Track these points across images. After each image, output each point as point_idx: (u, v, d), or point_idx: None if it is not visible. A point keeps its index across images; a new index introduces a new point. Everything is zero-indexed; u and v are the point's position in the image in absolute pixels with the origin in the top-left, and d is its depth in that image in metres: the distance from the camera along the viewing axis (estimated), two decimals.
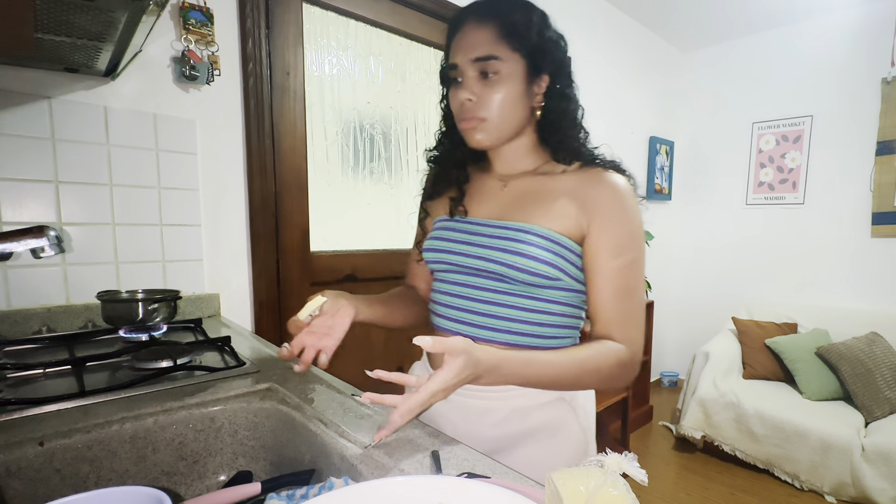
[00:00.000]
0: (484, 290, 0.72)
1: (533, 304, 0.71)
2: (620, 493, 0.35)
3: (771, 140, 3.07)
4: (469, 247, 0.73)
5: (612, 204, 0.69)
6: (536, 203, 0.72)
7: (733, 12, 2.78)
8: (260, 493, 0.54)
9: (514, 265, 0.68)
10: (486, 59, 0.68)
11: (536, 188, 0.74)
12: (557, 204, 0.71)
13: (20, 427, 0.57)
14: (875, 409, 2.18)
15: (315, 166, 1.56)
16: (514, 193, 0.76)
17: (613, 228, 0.69)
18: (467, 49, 0.69)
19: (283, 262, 1.48)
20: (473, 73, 0.69)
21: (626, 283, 0.69)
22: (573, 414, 0.76)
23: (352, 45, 1.64)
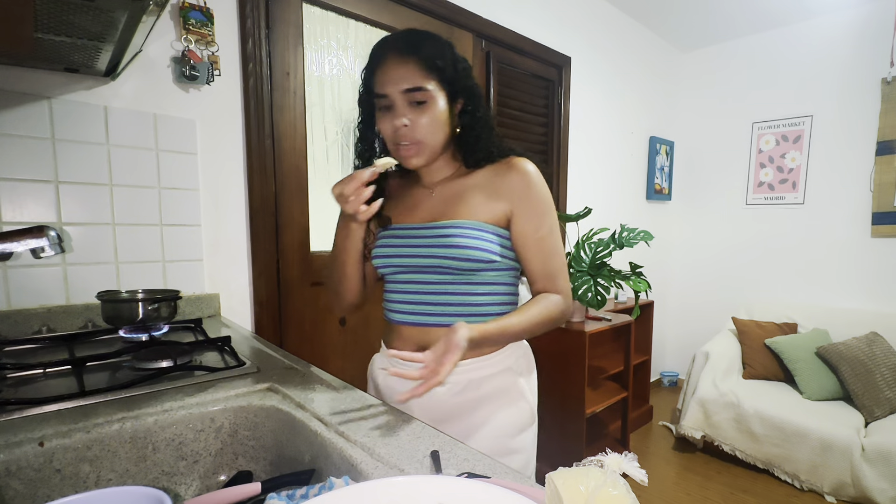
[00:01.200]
0: (432, 284, 0.84)
1: (477, 287, 0.83)
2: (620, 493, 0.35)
3: (771, 140, 3.07)
4: (412, 248, 0.84)
5: (524, 186, 0.83)
6: (460, 201, 0.84)
7: (733, 12, 2.78)
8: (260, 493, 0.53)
9: (453, 256, 0.79)
10: (416, 91, 0.77)
11: (459, 189, 0.86)
12: (478, 198, 0.84)
13: (20, 427, 0.57)
14: (875, 409, 2.18)
15: (315, 166, 1.56)
16: (441, 197, 0.87)
17: (531, 206, 0.83)
18: (396, 81, 0.77)
19: (283, 262, 1.48)
20: (404, 101, 0.78)
21: (551, 247, 0.84)
22: (516, 379, 0.89)
23: (352, 45, 1.64)
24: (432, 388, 0.64)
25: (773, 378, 2.58)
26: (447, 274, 0.82)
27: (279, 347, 0.99)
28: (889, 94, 2.59)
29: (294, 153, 1.48)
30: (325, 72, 1.57)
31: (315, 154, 1.56)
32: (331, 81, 1.59)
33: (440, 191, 0.88)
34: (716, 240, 3.36)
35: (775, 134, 3.05)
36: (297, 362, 0.87)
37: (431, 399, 0.84)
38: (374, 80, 0.81)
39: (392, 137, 0.81)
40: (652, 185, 3.20)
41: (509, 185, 0.83)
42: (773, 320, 2.83)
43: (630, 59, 2.87)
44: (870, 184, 2.70)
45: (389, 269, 0.87)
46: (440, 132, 0.81)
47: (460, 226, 0.81)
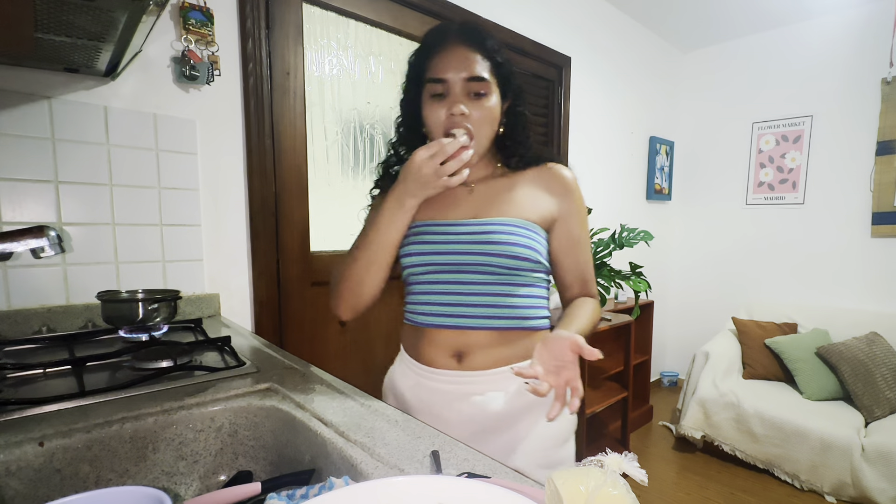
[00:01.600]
0: (471, 284, 0.79)
1: (515, 289, 0.79)
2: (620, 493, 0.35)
3: (771, 140, 3.07)
4: (451, 245, 0.79)
5: (567, 189, 0.84)
6: (506, 200, 0.82)
7: (733, 12, 2.78)
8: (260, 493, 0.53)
9: (499, 253, 0.76)
10: (477, 80, 0.76)
11: (502, 188, 0.83)
12: (525, 198, 0.82)
13: (20, 427, 0.57)
14: (875, 409, 2.18)
15: (315, 166, 1.56)
16: (482, 195, 0.84)
17: (574, 213, 0.84)
18: (458, 68, 0.75)
19: (283, 262, 1.48)
20: (463, 90, 0.76)
21: (587, 253, 0.85)
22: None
23: (352, 45, 1.64)
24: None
25: (774, 378, 2.58)
26: (488, 274, 0.78)
27: (279, 347, 0.99)
28: (889, 94, 2.59)
29: (294, 153, 1.48)
30: (325, 72, 1.57)
31: (315, 154, 1.56)
32: (331, 81, 1.59)
33: (481, 188, 0.85)
34: (716, 240, 3.36)
35: (775, 134, 3.05)
36: (297, 362, 0.87)
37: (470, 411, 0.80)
38: (429, 65, 0.78)
39: (444, 125, 0.77)
40: (652, 186, 3.20)
41: (553, 188, 0.83)
42: (773, 320, 2.83)
43: (630, 60, 2.87)
44: (870, 184, 2.69)
45: (422, 269, 0.82)
46: (490, 128, 0.79)
47: (507, 223, 0.78)
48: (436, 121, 0.78)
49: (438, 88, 0.77)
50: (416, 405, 0.84)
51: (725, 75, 3.25)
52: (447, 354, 0.81)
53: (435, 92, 0.78)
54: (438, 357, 0.81)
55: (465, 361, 0.80)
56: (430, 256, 0.80)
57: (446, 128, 0.77)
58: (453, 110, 0.76)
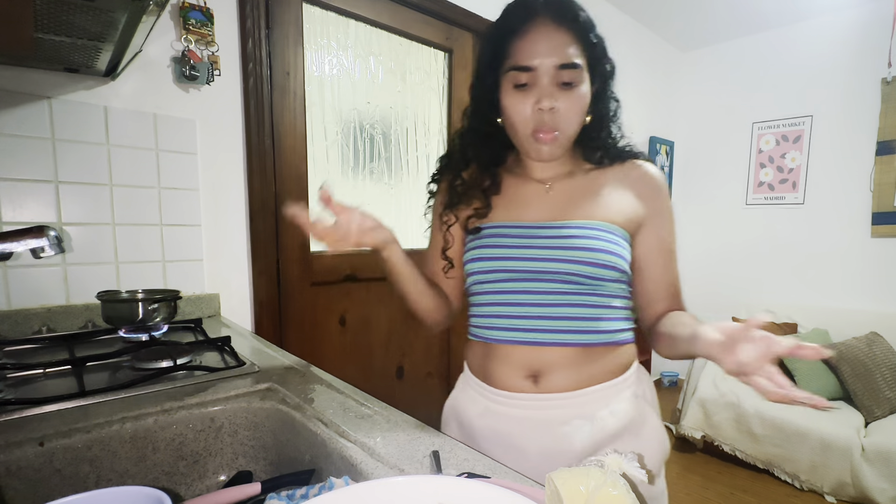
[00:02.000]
0: (546, 294, 0.69)
1: (599, 300, 0.69)
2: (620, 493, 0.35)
3: (771, 140, 3.07)
4: (526, 250, 0.70)
5: (656, 191, 0.73)
6: (589, 200, 0.72)
7: (733, 12, 2.78)
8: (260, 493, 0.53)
9: (584, 260, 0.67)
10: (569, 68, 0.65)
11: (583, 187, 0.74)
12: (610, 198, 0.72)
13: (20, 427, 0.57)
14: (875, 409, 2.18)
15: (315, 166, 1.56)
16: (561, 195, 0.74)
17: (663, 217, 0.73)
18: (548, 53, 0.65)
19: (283, 262, 1.48)
20: (553, 80, 0.66)
21: (675, 263, 0.75)
22: (651, 408, 0.75)
23: (352, 45, 1.64)
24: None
25: None
26: (569, 283, 0.68)
27: (279, 347, 0.99)
28: (889, 94, 2.59)
29: (294, 153, 1.48)
30: (325, 72, 1.57)
31: (315, 154, 1.56)
32: (331, 81, 1.59)
33: (559, 187, 0.75)
34: (716, 240, 3.36)
35: (775, 134, 3.05)
36: (297, 362, 0.87)
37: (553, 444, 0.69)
38: (511, 49, 0.67)
39: (528, 121, 0.68)
40: None
41: (640, 188, 0.73)
42: (772, 320, 2.83)
43: (630, 59, 2.87)
44: (870, 184, 2.69)
45: (490, 276, 0.72)
46: (579, 120, 0.69)
47: (591, 226, 0.69)
48: (520, 115, 0.68)
49: (523, 78, 0.66)
50: (487, 435, 0.73)
51: (725, 75, 3.25)
52: (521, 375, 0.71)
53: (518, 82, 0.67)
54: (511, 378, 0.71)
55: (543, 383, 0.70)
56: (501, 262, 0.71)
57: (527, 125, 0.68)
58: (542, 104, 0.66)
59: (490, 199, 0.77)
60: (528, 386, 0.70)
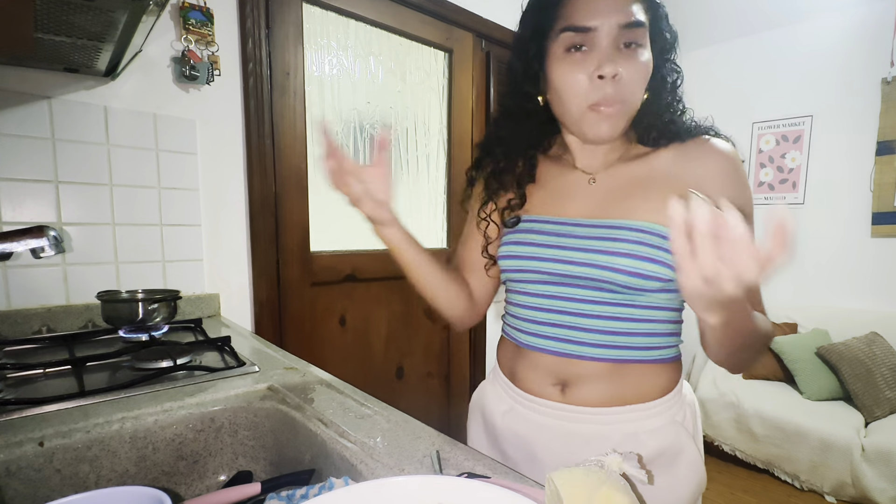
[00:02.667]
0: (579, 302, 0.63)
1: (638, 312, 0.62)
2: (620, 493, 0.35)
3: (771, 140, 3.07)
4: (561, 251, 0.63)
5: (725, 174, 0.61)
6: (635, 195, 0.62)
7: (733, 12, 2.78)
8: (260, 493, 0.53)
9: (621, 268, 0.59)
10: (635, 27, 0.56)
11: (631, 178, 0.64)
12: (659, 191, 0.61)
13: (20, 427, 0.57)
14: (875, 409, 2.18)
15: (315, 166, 1.56)
16: (606, 187, 0.65)
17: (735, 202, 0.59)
18: (612, 9, 0.56)
19: (283, 262, 1.48)
20: (615, 42, 0.56)
21: None
22: (690, 437, 0.66)
23: (352, 45, 1.64)
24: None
25: (774, 378, 2.58)
26: (606, 291, 0.61)
27: (279, 347, 0.99)
28: (889, 94, 2.59)
29: (294, 153, 1.48)
30: (325, 72, 1.57)
31: (315, 154, 1.56)
32: (331, 81, 1.59)
33: (605, 179, 0.66)
34: None
35: (775, 134, 3.05)
36: (297, 362, 0.87)
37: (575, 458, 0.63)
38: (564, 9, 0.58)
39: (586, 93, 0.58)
40: None
41: (703, 174, 0.61)
42: (772, 320, 2.83)
43: None
44: (870, 184, 2.69)
45: (522, 275, 0.67)
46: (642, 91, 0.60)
47: (637, 229, 0.60)
48: (575, 86, 0.58)
49: (578, 39, 0.57)
50: (507, 436, 0.71)
51: (725, 75, 3.25)
52: (549, 382, 0.66)
53: (573, 43, 0.58)
54: (538, 384, 0.67)
55: (570, 393, 0.65)
56: (534, 262, 0.65)
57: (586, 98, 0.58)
58: (604, 70, 0.56)
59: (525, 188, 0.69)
60: (555, 394, 0.66)
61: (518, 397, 0.70)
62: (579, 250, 0.62)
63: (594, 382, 0.64)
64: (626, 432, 0.63)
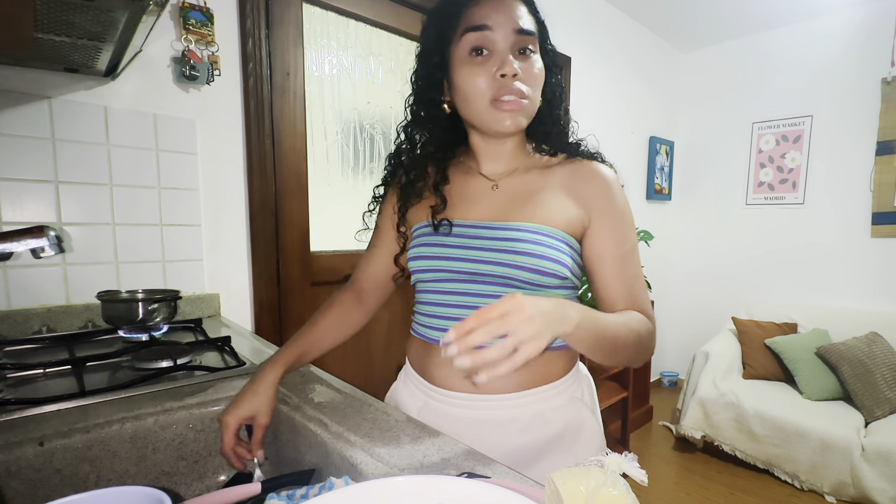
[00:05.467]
0: (485, 297, 0.68)
1: None
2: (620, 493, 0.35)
3: (771, 140, 3.07)
4: (468, 251, 0.68)
5: (608, 196, 0.69)
6: (534, 201, 0.69)
7: (733, 12, 2.78)
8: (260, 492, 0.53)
9: (524, 266, 0.65)
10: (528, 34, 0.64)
11: (530, 186, 0.71)
12: (555, 201, 0.69)
13: (20, 427, 0.57)
14: (875, 409, 2.18)
15: (315, 166, 1.56)
16: (507, 193, 0.72)
17: (613, 220, 0.69)
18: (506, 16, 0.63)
19: (283, 262, 1.48)
20: (512, 46, 0.63)
21: (633, 269, 0.69)
22: (589, 410, 0.73)
23: (352, 45, 1.64)
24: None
25: (774, 378, 2.58)
26: (509, 287, 0.67)
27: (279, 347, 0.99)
28: (889, 94, 2.59)
29: (294, 153, 1.48)
30: (325, 72, 1.57)
31: (315, 154, 1.56)
32: (331, 81, 1.59)
33: (507, 186, 0.72)
34: (716, 240, 3.36)
35: (775, 134, 3.05)
36: None
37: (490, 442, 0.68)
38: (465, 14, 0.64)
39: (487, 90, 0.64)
40: (652, 185, 3.20)
41: (589, 190, 0.69)
42: (773, 320, 2.83)
43: (630, 59, 2.87)
44: (870, 184, 2.69)
45: (432, 275, 0.71)
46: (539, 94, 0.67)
47: (535, 230, 0.67)
48: (477, 85, 0.64)
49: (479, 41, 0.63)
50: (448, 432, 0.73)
51: (725, 75, 3.25)
52: (460, 374, 0.69)
53: (475, 46, 0.64)
54: (450, 377, 0.71)
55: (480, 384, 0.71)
56: (443, 262, 0.70)
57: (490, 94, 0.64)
58: (504, 70, 0.62)
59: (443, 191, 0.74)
60: (466, 386, 0.69)
61: (431, 392, 0.73)
62: (485, 250, 0.67)
63: None
64: (534, 412, 0.69)
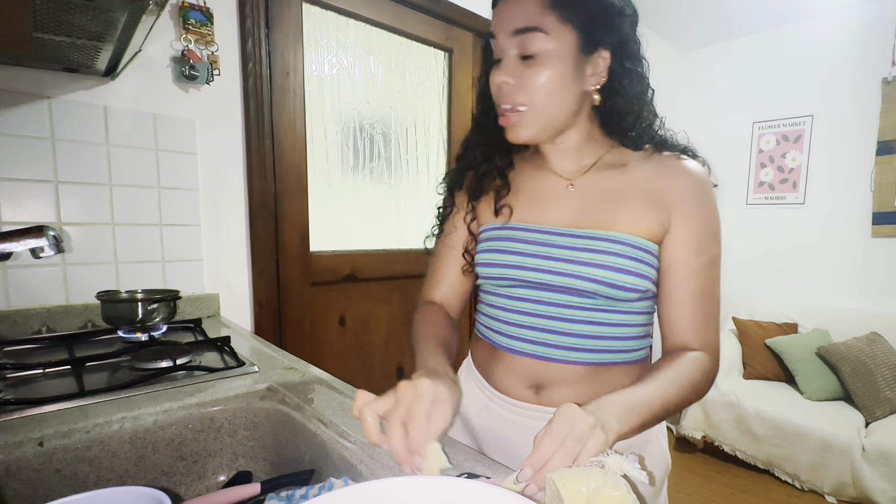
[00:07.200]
0: (557, 307, 0.64)
1: (616, 317, 0.64)
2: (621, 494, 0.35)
3: (771, 140, 3.07)
4: (541, 260, 0.64)
5: (691, 196, 0.62)
6: (614, 204, 0.64)
7: (733, 12, 2.78)
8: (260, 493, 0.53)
9: (603, 280, 0.60)
10: (527, 32, 0.58)
11: (610, 186, 0.65)
12: (637, 203, 0.63)
13: (20, 427, 0.57)
14: (875, 409, 2.18)
15: (315, 166, 1.56)
16: (585, 194, 0.66)
17: (694, 223, 0.62)
18: (507, 20, 0.60)
19: (283, 262, 1.48)
20: (514, 49, 0.60)
21: (706, 283, 0.62)
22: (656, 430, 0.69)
23: (352, 45, 1.63)
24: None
25: (774, 378, 2.58)
26: (585, 297, 0.63)
27: (279, 347, 0.99)
28: (889, 94, 2.59)
29: (294, 153, 1.48)
30: (324, 72, 1.57)
31: (315, 154, 1.56)
32: (331, 81, 1.59)
33: (584, 185, 0.67)
34: None
35: (775, 134, 3.05)
36: (297, 362, 0.87)
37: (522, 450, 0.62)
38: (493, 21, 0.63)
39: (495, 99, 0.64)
40: None
41: (673, 188, 0.63)
42: (773, 320, 2.83)
43: None
44: (870, 184, 2.69)
45: (501, 283, 0.68)
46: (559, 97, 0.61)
47: (617, 240, 0.61)
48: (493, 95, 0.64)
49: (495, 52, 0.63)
50: (483, 434, 0.71)
51: (725, 75, 3.25)
52: (524, 385, 0.67)
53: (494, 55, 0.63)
54: (514, 386, 0.68)
55: (544, 395, 0.66)
56: (514, 270, 0.65)
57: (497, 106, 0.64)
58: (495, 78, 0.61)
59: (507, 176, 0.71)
60: (531, 396, 0.67)
61: (493, 396, 0.70)
62: (560, 260, 0.63)
63: (568, 385, 0.65)
64: None
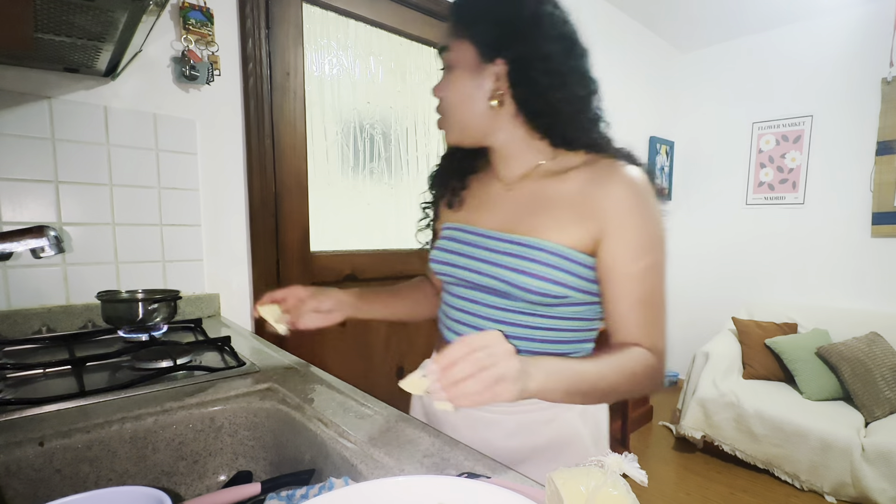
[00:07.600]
0: (489, 307, 0.68)
1: (540, 321, 0.66)
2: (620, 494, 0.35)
3: (771, 140, 3.07)
4: (473, 261, 0.69)
5: (626, 203, 0.62)
6: (544, 211, 0.66)
7: (733, 12, 2.78)
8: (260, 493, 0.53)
9: (521, 285, 0.63)
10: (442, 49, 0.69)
11: (543, 192, 0.67)
12: (567, 211, 0.64)
13: (20, 427, 0.57)
14: (875, 409, 2.18)
15: (315, 166, 1.56)
16: (519, 199, 0.69)
17: (629, 231, 0.62)
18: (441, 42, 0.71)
19: (283, 262, 1.48)
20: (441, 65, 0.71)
21: (647, 288, 0.62)
22: (583, 427, 0.71)
23: (352, 45, 1.64)
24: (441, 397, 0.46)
25: (774, 378, 2.58)
26: (507, 299, 0.67)
27: (279, 347, 0.99)
28: (889, 94, 2.59)
29: (294, 153, 1.48)
30: (325, 72, 1.57)
31: (315, 154, 1.56)
32: (331, 81, 1.59)
33: (519, 190, 0.70)
34: (716, 240, 3.36)
35: (775, 134, 3.05)
36: (296, 362, 0.87)
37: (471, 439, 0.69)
38: None
39: None
40: None
41: (605, 198, 0.62)
42: (773, 320, 2.83)
43: (630, 60, 2.87)
44: (870, 184, 2.69)
45: (445, 278, 0.74)
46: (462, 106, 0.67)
47: (538, 247, 0.64)
48: None
49: None
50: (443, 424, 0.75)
51: (725, 75, 3.25)
52: None
53: None
54: None
55: None
56: (451, 268, 0.72)
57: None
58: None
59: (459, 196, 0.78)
60: None
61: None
62: (486, 262, 0.68)
63: None
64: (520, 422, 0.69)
